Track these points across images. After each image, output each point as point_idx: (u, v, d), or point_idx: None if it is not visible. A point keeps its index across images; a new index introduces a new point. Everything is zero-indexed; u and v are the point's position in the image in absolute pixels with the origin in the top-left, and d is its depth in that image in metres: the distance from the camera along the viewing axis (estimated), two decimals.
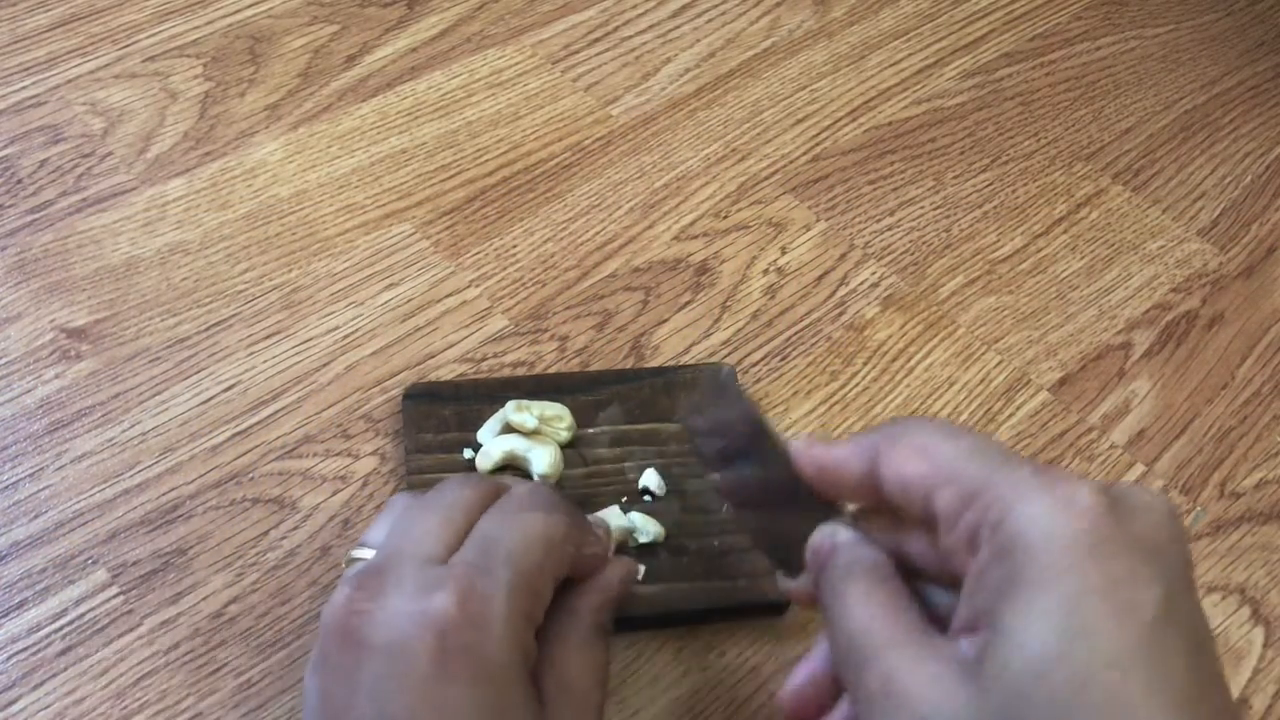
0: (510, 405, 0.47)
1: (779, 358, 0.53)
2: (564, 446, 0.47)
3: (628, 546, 0.45)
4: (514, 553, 0.35)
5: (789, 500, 0.36)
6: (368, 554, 0.37)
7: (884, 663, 0.30)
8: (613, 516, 0.45)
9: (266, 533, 0.46)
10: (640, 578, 0.43)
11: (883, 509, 0.34)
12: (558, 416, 0.47)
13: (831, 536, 0.34)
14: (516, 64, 0.65)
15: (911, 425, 0.34)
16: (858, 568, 0.33)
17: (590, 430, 0.48)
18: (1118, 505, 0.30)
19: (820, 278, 0.57)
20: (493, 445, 0.47)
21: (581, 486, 0.47)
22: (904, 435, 0.33)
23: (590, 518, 0.41)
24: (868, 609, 0.32)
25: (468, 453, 0.47)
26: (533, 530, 0.36)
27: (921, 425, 0.33)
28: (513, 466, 0.47)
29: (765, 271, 0.56)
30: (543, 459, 0.46)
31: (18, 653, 0.42)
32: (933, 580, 0.33)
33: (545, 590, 0.35)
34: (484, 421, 0.48)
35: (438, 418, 0.48)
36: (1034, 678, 0.28)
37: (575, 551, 0.37)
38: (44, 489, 0.47)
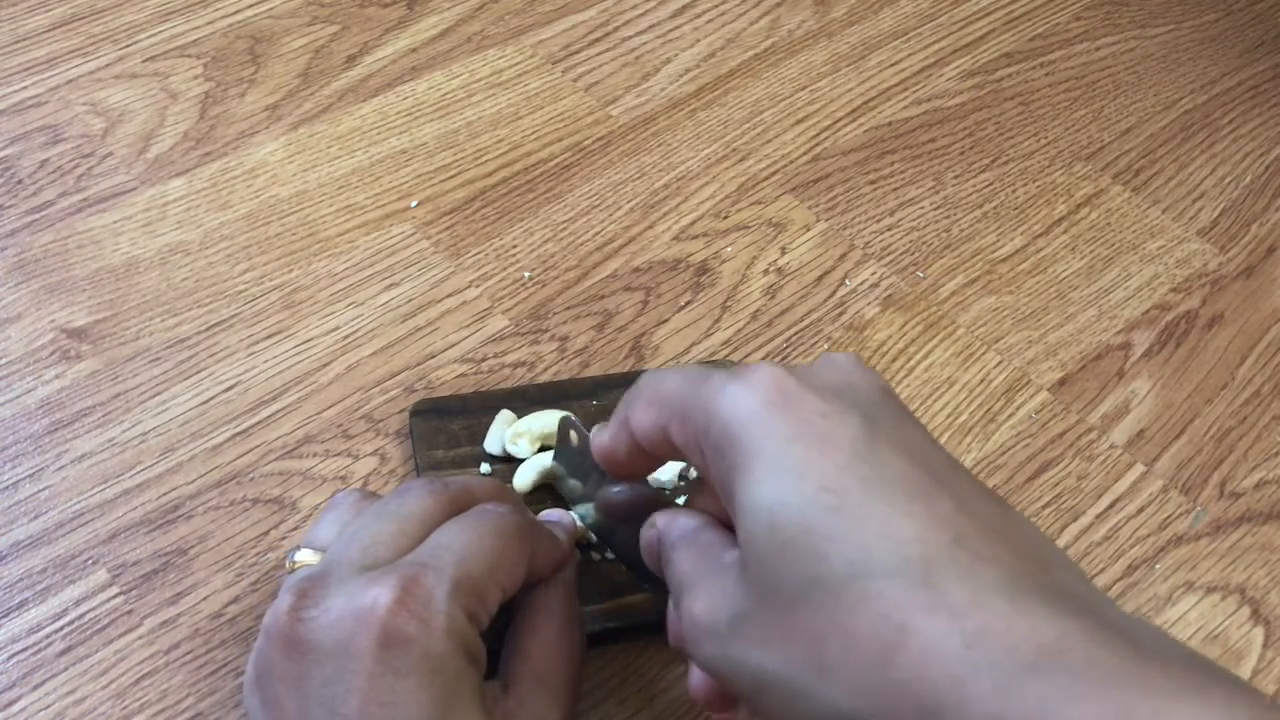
0: (501, 421, 0.47)
1: (779, 358, 0.53)
2: None
3: (591, 541, 0.45)
4: (461, 555, 0.34)
5: (637, 518, 0.37)
6: (310, 555, 0.37)
7: (687, 596, 0.32)
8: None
9: (267, 533, 0.46)
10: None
11: (697, 484, 0.35)
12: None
13: (652, 526, 0.35)
14: (516, 64, 0.65)
15: (643, 381, 0.35)
16: (678, 538, 0.34)
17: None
18: (803, 372, 0.32)
19: (820, 278, 0.57)
20: (528, 469, 0.46)
21: None
22: (638, 394, 0.35)
23: (550, 514, 0.41)
24: (684, 566, 0.33)
25: (485, 468, 0.47)
26: (484, 537, 0.35)
27: (650, 376, 0.35)
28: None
29: (765, 271, 0.57)
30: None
31: (18, 653, 0.42)
32: None
33: (490, 594, 0.35)
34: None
35: (447, 433, 0.48)
36: (770, 533, 0.29)
37: (529, 561, 0.37)
38: (44, 489, 0.47)
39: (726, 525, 0.33)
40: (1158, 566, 0.48)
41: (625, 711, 0.43)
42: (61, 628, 0.43)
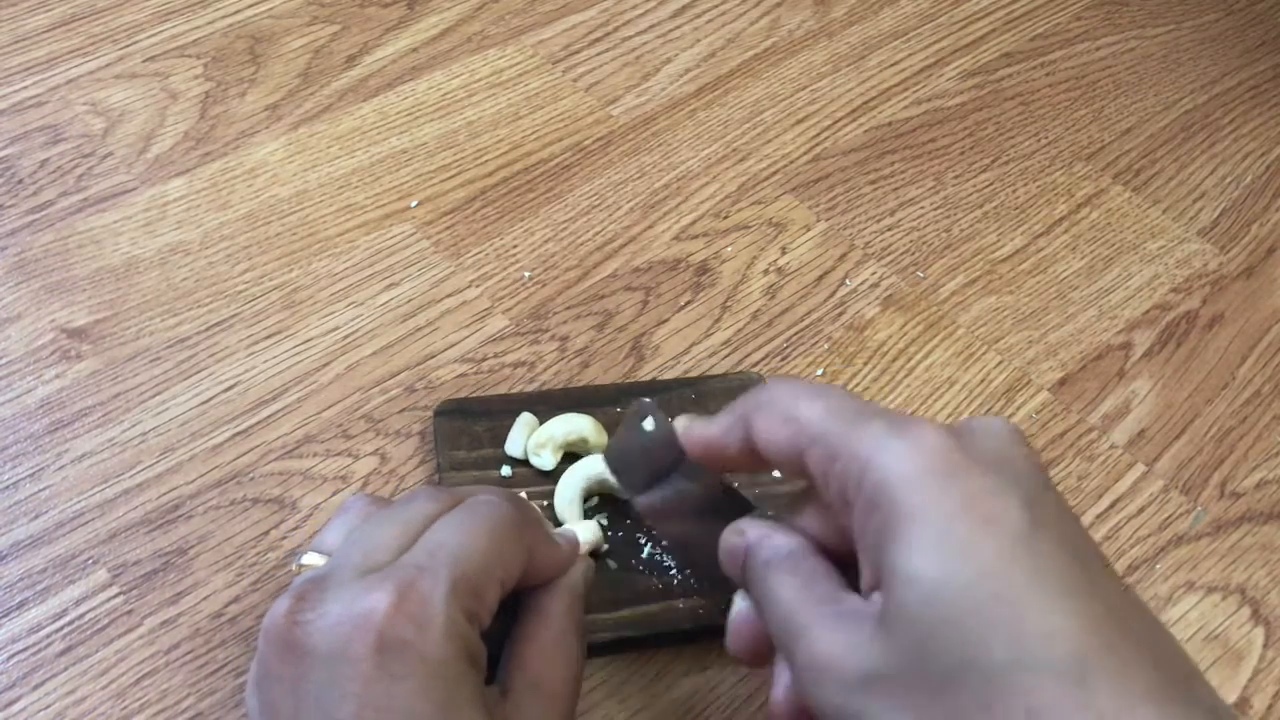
0: (523, 424, 0.47)
1: (779, 358, 0.53)
2: None
3: (600, 553, 0.45)
4: (457, 555, 0.34)
5: (709, 514, 0.37)
6: (317, 559, 0.37)
7: (806, 638, 0.31)
8: (585, 530, 0.44)
9: (267, 533, 0.46)
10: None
11: (797, 501, 0.35)
12: (581, 439, 0.47)
13: (741, 535, 0.35)
14: (517, 64, 0.65)
15: (776, 390, 0.35)
16: (774, 557, 0.34)
17: None
18: (963, 435, 0.31)
19: (820, 278, 0.57)
20: (571, 482, 0.46)
21: None
22: (769, 403, 0.34)
23: (559, 530, 0.41)
24: (787, 594, 0.33)
25: (506, 470, 0.47)
26: (479, 532, 0.35)
27: (785, 388, 0.34)
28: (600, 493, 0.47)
29: (765, 271, 0.57)
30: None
31: (18, 653, 0.42)
32: (847, 553, 0.34)
33: (489, 592, 0.35)
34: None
35: (470, 434, 0.48)
36: (926, 608, 0.29)
37: (528, 555, 0.36)
38: (44, 489, 0.47)
39: (824, 552, 0.34)
40: (1158, 566, 0.48)
41: (627, 711, 0.43)
42: (61, 628, 0.43)
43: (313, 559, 0.37)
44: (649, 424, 0.38)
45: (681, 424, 0.37)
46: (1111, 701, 0.27)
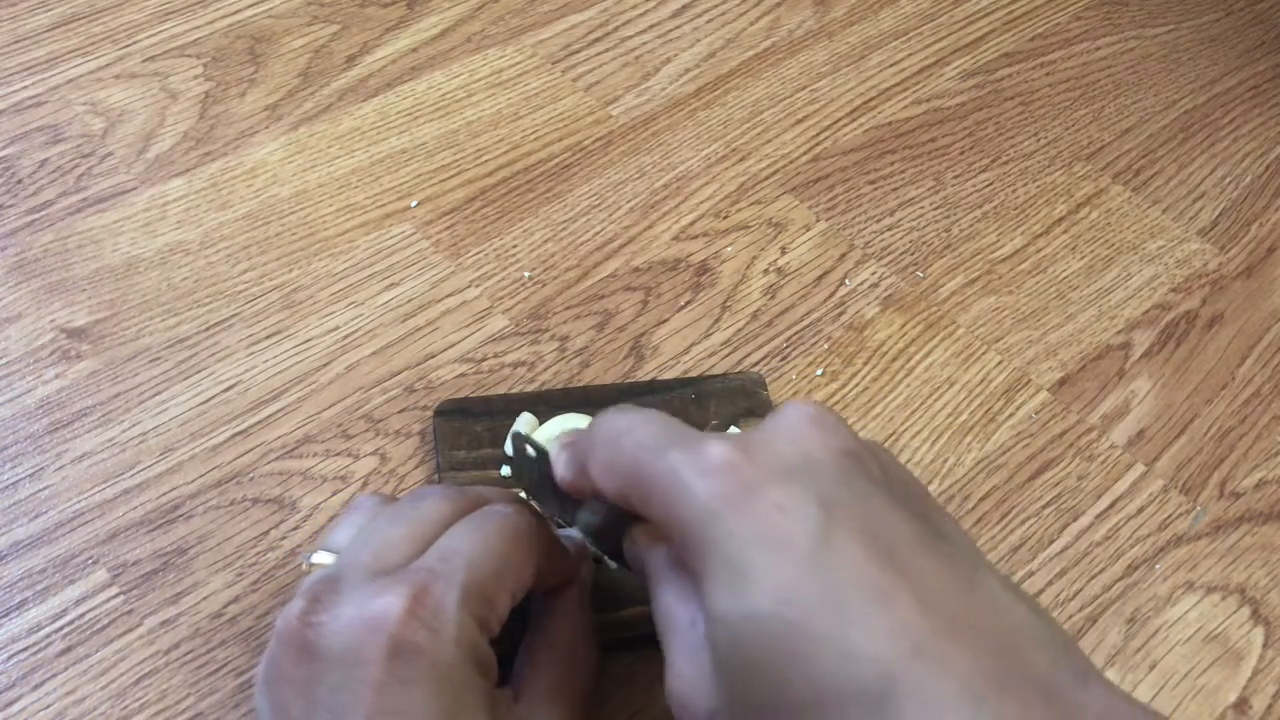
0: (522, 424, 0.47)
1: (779, 358, 0.53)
2: None
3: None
4: (471, 561, 0.34)
5: (613, 520, 0.37)
6: (326, 557, 0.37)
7: (671, 669, 0.32)
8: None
9: (267, 533, 0.46)
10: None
11: None
12: (576, 432, 0.47)
13: (633, 541, 0.35)
14: (516, 64, 0.65)
15: (599, 429, 0.34)
16: (655, 567, 0.34)
17: None
18: (753, 444, 0.31)
19: (820, 278, 0.57)
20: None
21: None
22: (595, 446, 0.34)
23: (563, 534, 0.41)
24: (661, 610, 0.33)
25: (505, 470, 0.47)
26: (492, 540, 0.35)
27: (606, 426, 0.34)
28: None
29: (765, 271, 0.57)
30: None
31: (18, 653, 0.42)
32: None
33: (500, 600, 0.35)
34: None
35: (470, 434, 0.48)
36: (735, 648, 0.28)
37: (539, 564, 0.36)
38: (44, 489, 0.47)
39: None
40: (1158, 566, 0.48)
41: (627, 711, 0.43)
42: (61, 628, 0.43)
43: (322, 557, 0.37)
44: (529, 452, 0.39)
45: (553, 453, 0.37)
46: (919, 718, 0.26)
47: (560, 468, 0.36)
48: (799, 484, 0.29)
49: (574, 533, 0.41)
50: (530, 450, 0.39)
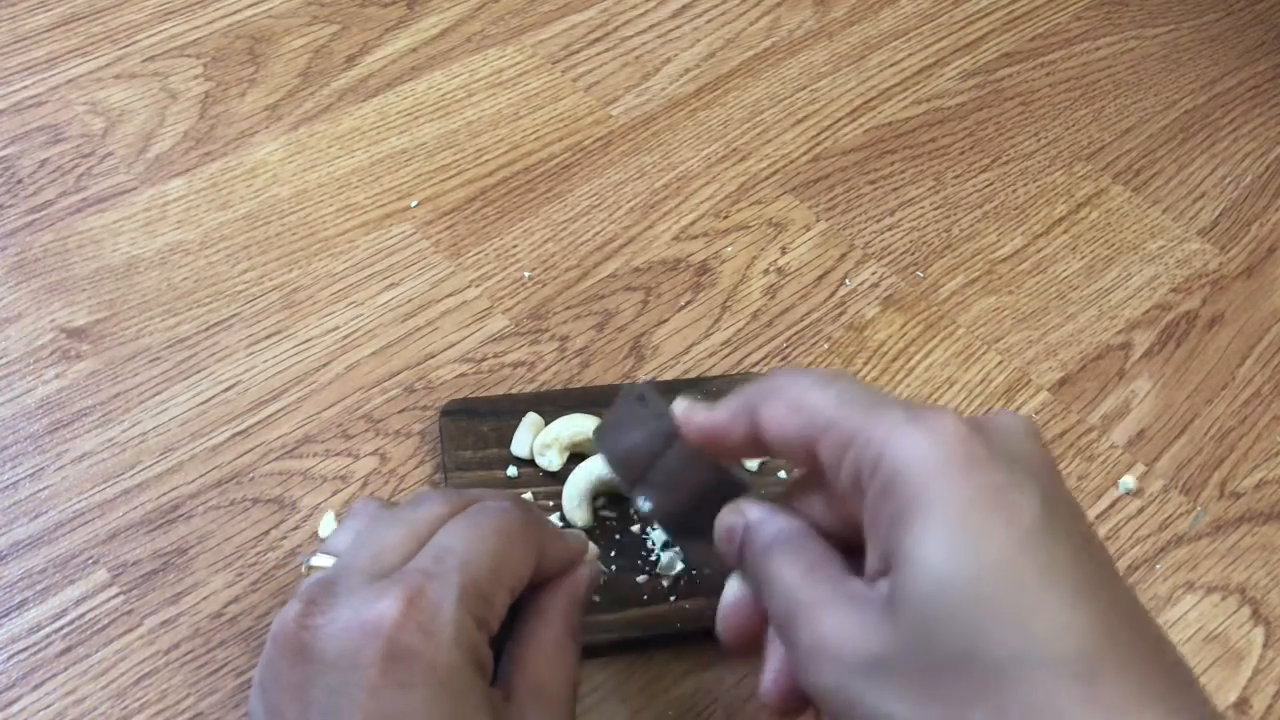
0: (528, 424, 0.47)
1: (779, 358, 0.53)
2: None
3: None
4: (466, 559, 0.34)
5: (706, 497, 0.36)
6: (325, 560, 0.37)
7: (810, 622, 0.31)
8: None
9: (267, 533, 0.46)
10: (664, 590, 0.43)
11: (796, 486, 0.35)
12: (588, 440, 0.47)
13: (740, 514, 0.35)
14: (516, 64, 0.65)
15: (782, 379, 0.34)
16: (776, 539, 0.33)
17: None
18: (982, 428, 0.31)
19: (820, 278, 0.57)
20: (578, 484, 0.46)
21: None
22: (777, 390, 0.34)
23: (568, 531, 0.41)
24: (791, 576, 0.32)
25: (512, 470, 0.47)
26: (487, 537, 0.35)
27: (792, 378, 0.34)
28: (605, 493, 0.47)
29: (765, 271, 0.57)
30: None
31: (18, 653, 0.42)
32: (847, 539, 0.33)
33: (498, 598, 0.35)
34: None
35: (476, 434, 0.48)
36: (936, 596, 0.28)
37: (536, 560, 0.36)
38: (44, 489, 0.47)
39: (827, 536, 0.33)
40: (1158, 566, 0.48)
41: (627, 711, 0.43)
42: (61, 628, 0.43)
43: (322, 560, 0.37)
44: (645, 403, 0.38)
45: (680, 407, 0.36)
46: (1120, 701, 0.27)
47: (722, 414, 0.35)
48: (1023, 473, 0.30)
49: (577, 530, 0.41)
50: (647, 402, 0.37)
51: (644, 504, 0.39)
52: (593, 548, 0.42)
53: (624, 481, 0.40)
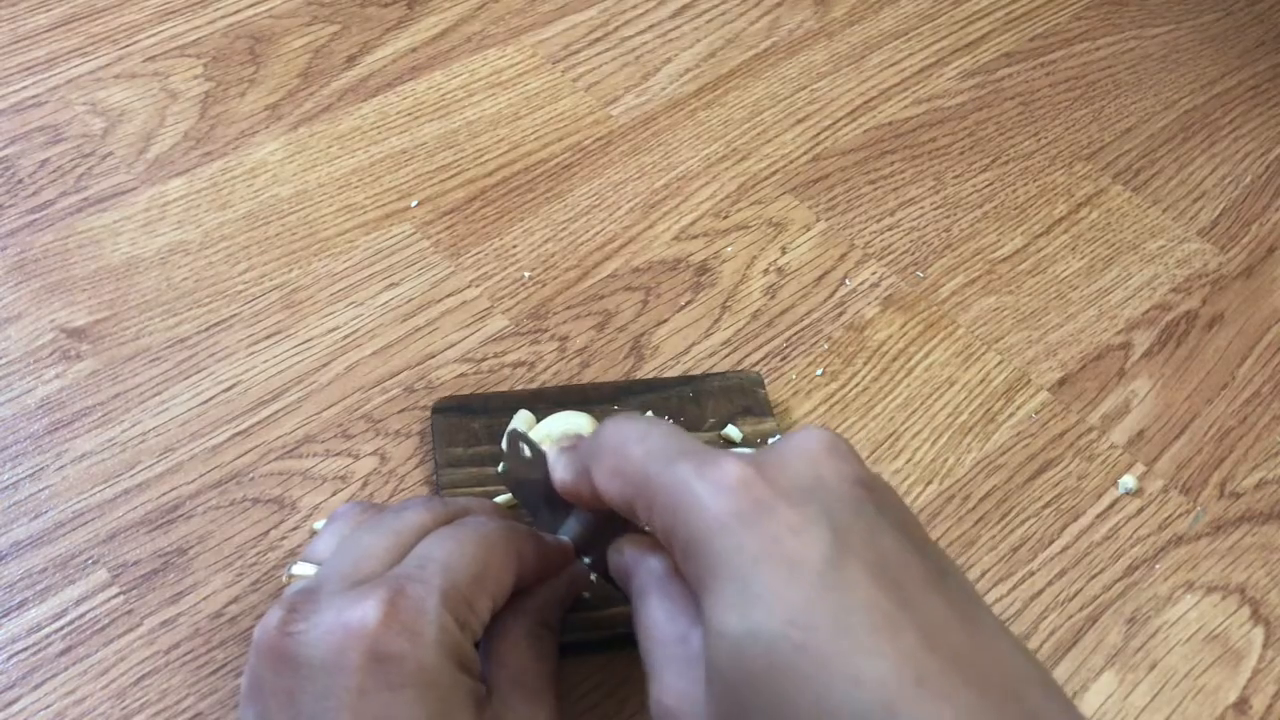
0: (520, 421, 0.47)
1: (779, 358, 0.53)
2: None
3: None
4: (447, 565, 0.34)
5: (600, 527, 0.37)
6: (308, 569, 0.37)
7: (658, 682, 0.32)
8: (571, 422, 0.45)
9: (267, 533, 0.46)
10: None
11: None
12: (579, 436, 0.47)
13: (620, 553, 0.35)
14: (516, 64, 0.65)
15: (607, 434, 0.34)
16: (645, 582, 0.34)
17: None
18: (767, 464, 0.31)
19: (820, 278, 0.57)
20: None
21: None
22: (600, 451, 0.34)
23: (551, 536, 0.41)
24: (651, 622, 0.33)
25: (503, 466, 0.47)
26: (468, 545, 0.35)
27: (616, 431, 0.34)
28: None
29: (765, 271, 0.57)
30: None
31: (18, 653, 0.42)
32: None
33: (479, 603, 0.35)
34: None
35: (467, 431, 0.48)
36: (736, 663, 0.28)
37: (519, 568, 0.37)
38: (44, 489, 0.47)
39: None
40: (1158, 566, 0.48)
41: (626, 710, 0.43)
42: (61, 628, 0.43)
43: (303, 568, 0.37)
44: (523, 451, 0.39)
45: (551, 456, 0.37)
46: None
47: (560, 470, 0.36)
48: (812, 507, 0.29)
49: (563, 534, 0.41)
50: (526, 450, 0.39)
51: (562, 537, 0.40)
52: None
53: (535, 521, 0.41)
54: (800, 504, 0.30)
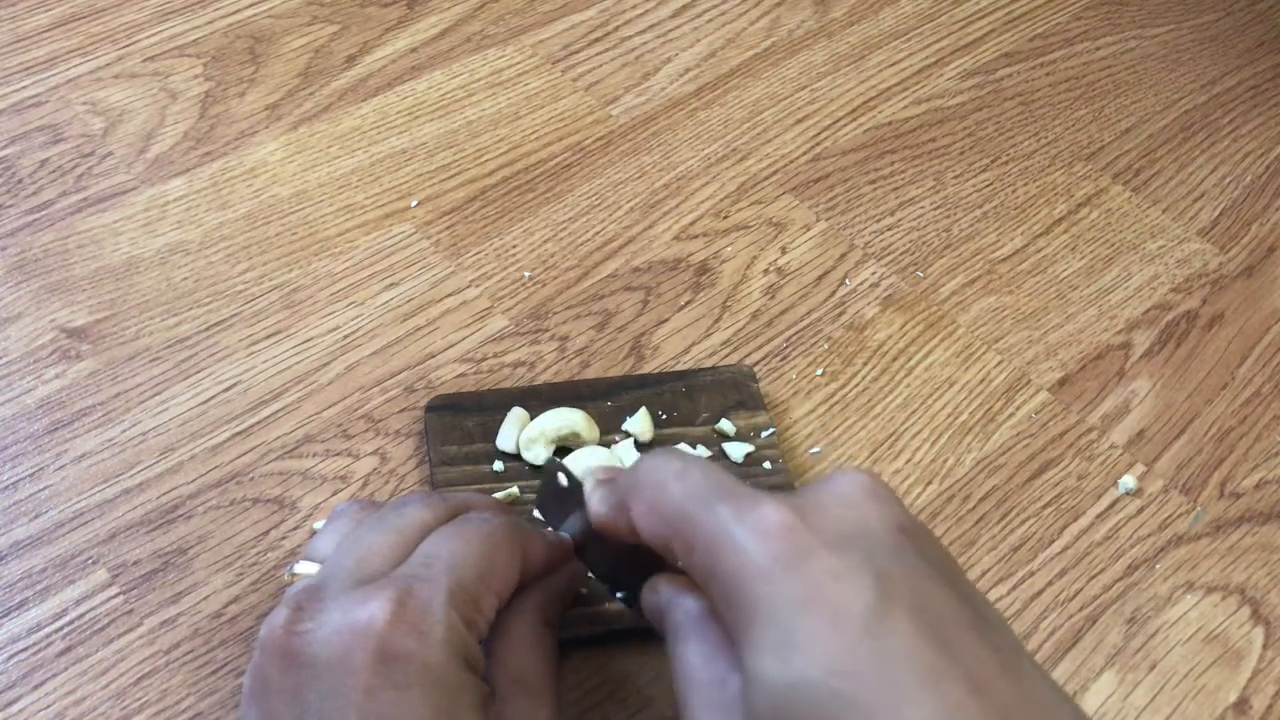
0: (514, 418, 0.47)
1: (779, 358, 0.53)
2: None
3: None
4: (453, 564, 0.34)
5: (634, 560, 0.37)
6: (310, 567, 0.37)
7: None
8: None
9: (267, 533, 0.46)
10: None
11: None
12: (573, 433, 0.47)
13: (655, 592, 0.35)
14: (516, 64, 0.65)
15: (645, 470, 0.34)
16: (681, 624, 0.33)
17: (615, 437, 0.48)
18: (808, 509, 0.30)
19: (820, 278, 0.57)
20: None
21: None
22: (639, 487, 0.33)
23: (551, 533, 0.41)
24: (686, 666, 0.32)
25: (498, 465, 0.47)
26: (473, 543, 0.35)
27: (654, 469, 0.33)
28: None
29: (765, 271, 0.57)
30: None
31: (18, 653, 0.42)
32: None
33: (485, 601, 0.35)
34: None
35: (461, 429, 0.48)
36: (775, 711, 0.28)
37: (521, 565, 0.36)
38: (44, 489, 0.47)
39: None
40: (1158, 566, 0.48)
41: (626, 710, 0.43)
42: (61, 628, 0.43)
43: (305, 567, 0.37)
44: (562, 480, 0.38)
45: (588, 488, 0.36)
46: None
47: (596, 503, 0.35)
48: (855, 554, 0.29)
49: (565, 531, 0.41)
50: (563, 480, 0.38)
51: (563, 534, 0.40)
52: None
53: (544, 515, 0.41)
54: (842, 550, 0.29)
